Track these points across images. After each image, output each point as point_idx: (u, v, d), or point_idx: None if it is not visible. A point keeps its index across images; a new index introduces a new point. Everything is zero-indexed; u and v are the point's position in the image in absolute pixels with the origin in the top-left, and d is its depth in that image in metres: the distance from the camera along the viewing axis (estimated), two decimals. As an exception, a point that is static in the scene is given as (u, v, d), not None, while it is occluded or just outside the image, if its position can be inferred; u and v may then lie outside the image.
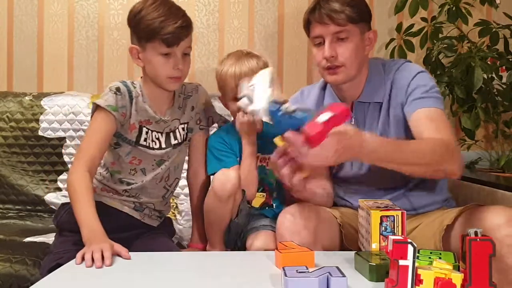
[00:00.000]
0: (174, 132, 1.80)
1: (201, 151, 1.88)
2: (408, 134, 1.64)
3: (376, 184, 1.71)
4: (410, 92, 1.66)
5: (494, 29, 2.37)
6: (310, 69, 2.64)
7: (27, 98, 2.39)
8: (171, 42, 1.66)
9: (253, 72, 1.75)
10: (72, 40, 2.64)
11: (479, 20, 2.43)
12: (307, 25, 1.74)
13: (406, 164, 1.49)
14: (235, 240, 1.80)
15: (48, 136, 2.34)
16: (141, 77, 1.78)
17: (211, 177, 1.83)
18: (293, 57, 2.63)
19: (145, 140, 1.74)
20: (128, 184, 1.76)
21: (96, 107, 1.68)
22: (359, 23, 1.69)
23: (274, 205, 1.87)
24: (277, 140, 1.39)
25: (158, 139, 1.76)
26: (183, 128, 1.82)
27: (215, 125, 1.96)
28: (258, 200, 1.84)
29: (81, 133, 2.34)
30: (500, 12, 2.44)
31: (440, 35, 2.43)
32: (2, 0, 2.63)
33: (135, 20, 1.68)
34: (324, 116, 1.31)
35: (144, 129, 1.73)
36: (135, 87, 1.72)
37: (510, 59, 2.38)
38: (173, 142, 1.79)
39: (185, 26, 1.68)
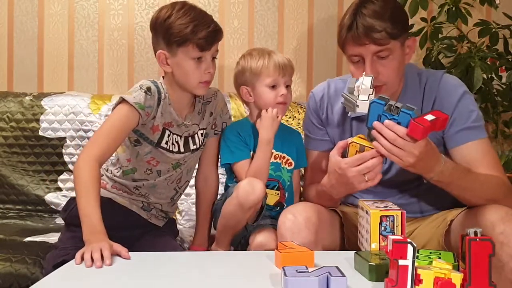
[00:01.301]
0: (192, 137, 1.80)
1: (213, 156, 1.88)
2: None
3: (391, 186, 1.69)
4: (456, 118, 1.61)
5: (493, 29, 2.37)
6: (310, 69, 2.65)
7: (27, 98, 2.39)
8: (204, 46, 1.66)
9: (290, 62, 1.85)
10: (72, 40, 2.64)
11: (479, 20, 2.42)
12: (343, 42, 1.61)
13: (468, 193, 1.54)
14: (240, 239, 1.80)
15: (49, 136, 2.34)
16: (163, 77, 1.77)
17: (235, 187, 1.74)
18: (293, 57, 2.63)
19: (166, 143, 1.74)
20: (140, 181, 1.76)
21: (122, 101, 1.66)
22: (401, 36, 1.58)
23: (285, 205, 1.85)
24: (366, 143, 1.47)
25: (177, 142, 1.76)
26: (201, 134, 1.82)
27: None
28: (272, 198, 1.83)
29: (81, 133, 2.34)
30: (499, 12, 2.44)
31: (440, 35, 2.43)
32: (2, 0, 2.63)
33: (164, 25, 1.67)
34: (429, 117, 1.39)
35: (167, 132, 1.73)
36: (163, 89, 1.72)
37: (510, 59, 2.38)
38: (192, 147, 1.79)
39: (217, 30, 1.70)
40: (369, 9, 1.55)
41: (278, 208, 1.85)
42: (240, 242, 1.81)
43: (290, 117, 2.38)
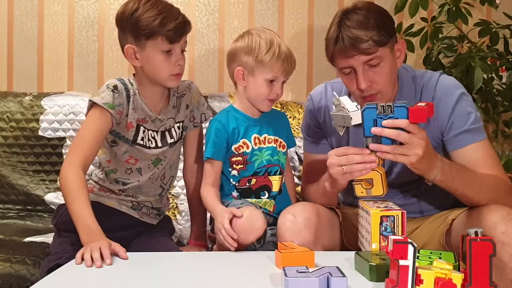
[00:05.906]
0: (169, 131, 1.79)
1: (197, 149, 1.87)
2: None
3: (391, 187, 1.66)
4: (454, 121, 1.61)
5: (494, 29, 2.37)
6: (310, 69, 2.64)
7: (27, 98, 2.39)
8: (173, 38, 1.66)
9: (294, 59, 1.77)
10: (72, 40, 2.64)
11: (479, 20, 2.42)
12: (331, 56, 1.60)
13: (470, 192, 1.54)
14: None
15: (48, 136, 2.34)
16: (134, 74, 1.76)
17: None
18: (293, 57, 2.63)
19: (142, 139, 1.73)
20: (124, 184, 1.75)
21: (92, 105, 1.66)
22: (389, 42, 1.57)
23: (282, 189, 1.82)
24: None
25: (154, 138, 1.76)
26: (178, 127, 1.81)
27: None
28: (276, 184, 1.79)
29: (81, 133, 2.34)
30: (500, 12, 2.44)
31: (440, 35, 2.43)
32: (2, 0, 2.63)
33: (132, 19, 1.66)
34: (421, 103, 1.46)
35: (142, 128, 1.73)
36: (132, 85, 1.71)
37: (510, 59, 2.38)
38: (169, 141, 1.79)
39: (186, 22, 1.68)
40: (352, 20, 1.55)
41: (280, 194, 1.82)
42: None
43: (290, 117, 2.37)
